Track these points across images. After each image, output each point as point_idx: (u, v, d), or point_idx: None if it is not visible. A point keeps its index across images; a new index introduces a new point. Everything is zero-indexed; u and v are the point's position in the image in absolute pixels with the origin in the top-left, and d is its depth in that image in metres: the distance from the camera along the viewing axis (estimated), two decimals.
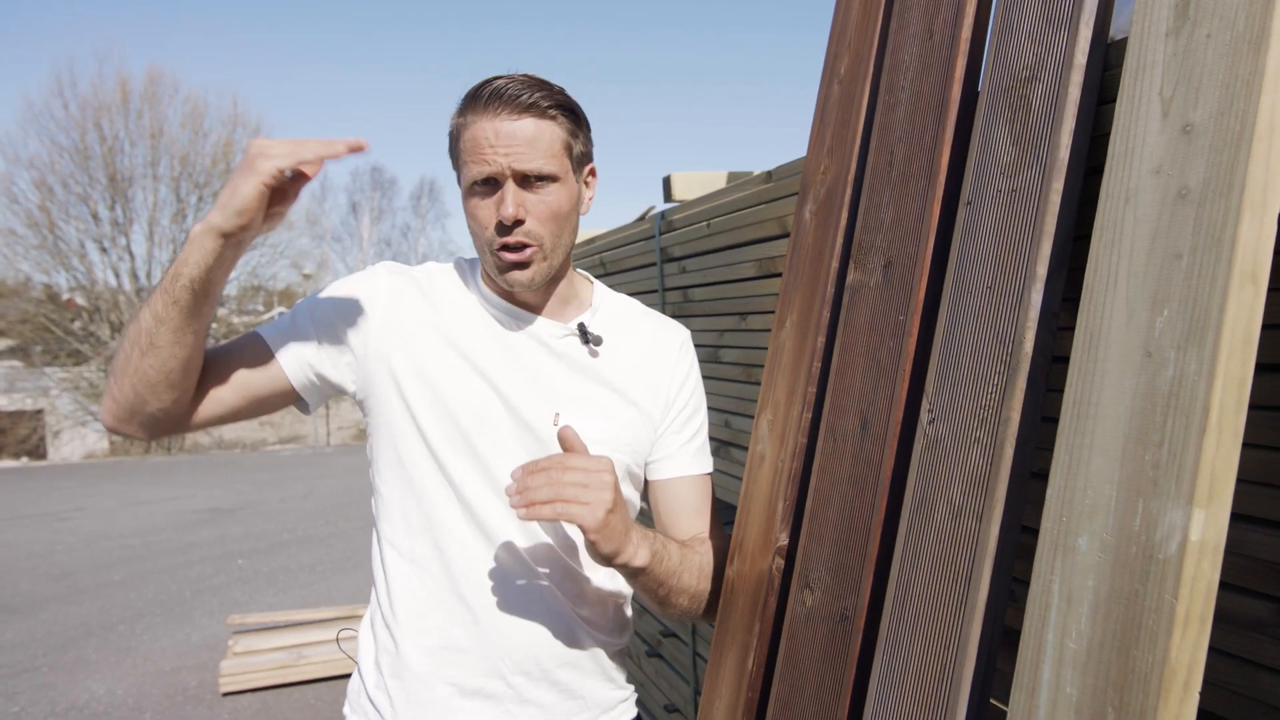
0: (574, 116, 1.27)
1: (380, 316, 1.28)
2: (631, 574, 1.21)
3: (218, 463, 14.44)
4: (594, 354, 1.35)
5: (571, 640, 1.31)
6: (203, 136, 19.55)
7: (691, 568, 1.33)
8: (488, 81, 1.22)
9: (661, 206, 2.75)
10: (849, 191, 1.50)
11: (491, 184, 1.21)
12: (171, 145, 18.97)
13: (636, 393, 1.37)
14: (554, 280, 1.32)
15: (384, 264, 1.35)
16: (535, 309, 1.33)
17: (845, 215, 1.49)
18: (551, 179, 1.23)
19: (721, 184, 2.60)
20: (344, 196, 46.94)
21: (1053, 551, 0.94)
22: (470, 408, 1.27)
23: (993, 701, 1.04)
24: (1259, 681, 0.94)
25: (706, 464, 1.46)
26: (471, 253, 1.39)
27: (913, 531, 1.16)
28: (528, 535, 1.28)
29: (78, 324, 17.99)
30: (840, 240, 1.49)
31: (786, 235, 1.89)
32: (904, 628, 1.13)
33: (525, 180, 1.21)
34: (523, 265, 1.24)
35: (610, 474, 1.13)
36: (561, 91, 1.25)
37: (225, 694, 4.80)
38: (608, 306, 1.41)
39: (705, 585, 1.38)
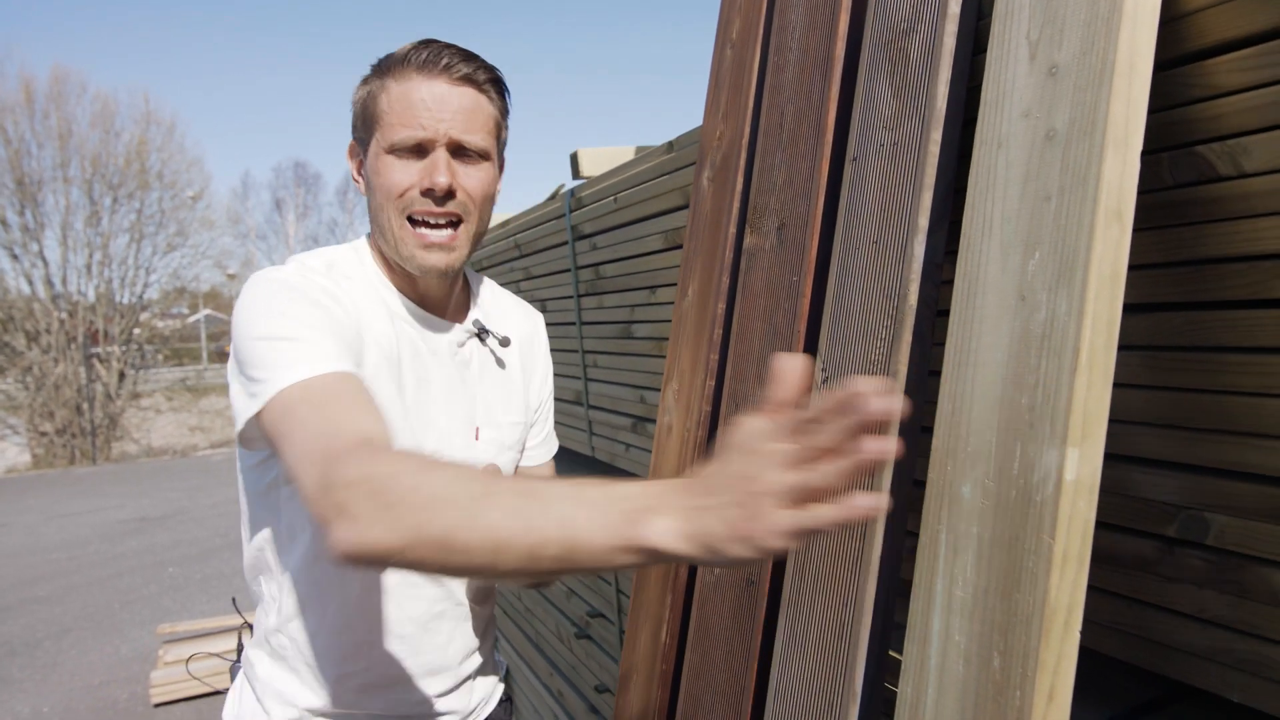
0: (504, 97, 1.19)
1: None
2: None
3: (146, 471, 13.97)
4: (493, 354, 1.30)
5: (480, 641, 1.33)
6: (114, 136, 18.75)
7: None
8: (421, 44, 1.12)
9: (571, 184, 2.71)
10: (744, 155, 1.48)
11: (418, 151, 1.10)
12: (81, 146, 18.21)
13: (524, 389, 1.36)
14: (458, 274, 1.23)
15: (299, 267, 1.12)
16: (439, 308, 1.23)
17: (741, 180, 1.48)
18: (484, 156, 1.14)
19: (630, 158, 2.56)
20: (267, 194, 45.76)
21: (939, 501, 0.93)
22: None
23: (892, 654, 1.03)
24: (1147, 619, 0.95)
25: (556, 443, 1.51)
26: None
27: None
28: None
29: None
30: (737, 205, 1.48)
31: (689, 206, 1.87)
32: (805, 588, 1.13)
33: (458, 152, 1.12)
34: (446, 248, 1.13)
35: None
36: (496, 69, 1.17)
37: (157, 705, 4.68)
38: (482, 292, 1.34)
39: None
